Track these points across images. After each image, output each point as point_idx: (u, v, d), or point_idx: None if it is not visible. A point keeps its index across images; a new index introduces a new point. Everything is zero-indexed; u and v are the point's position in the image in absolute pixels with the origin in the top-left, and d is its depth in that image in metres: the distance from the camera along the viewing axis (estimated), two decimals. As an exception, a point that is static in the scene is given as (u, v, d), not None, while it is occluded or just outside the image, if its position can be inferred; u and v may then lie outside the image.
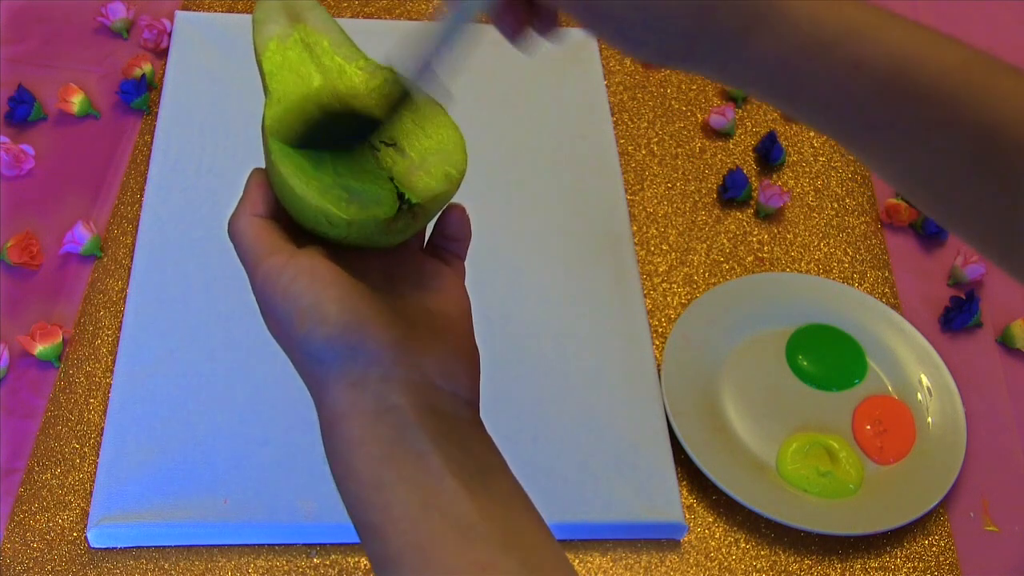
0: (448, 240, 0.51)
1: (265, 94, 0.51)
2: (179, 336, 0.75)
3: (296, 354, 0.45)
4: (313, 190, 0.46)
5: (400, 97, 0.49)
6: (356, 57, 0.53)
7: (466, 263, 0.53)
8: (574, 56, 0.96)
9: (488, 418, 0.73)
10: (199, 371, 0.73)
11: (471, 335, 0.49)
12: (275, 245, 0.46)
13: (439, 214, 0.51)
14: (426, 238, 0.53)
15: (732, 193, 0.89)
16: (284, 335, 0.45)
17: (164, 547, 0.68)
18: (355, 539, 0.69)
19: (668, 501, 0.72)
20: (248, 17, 0.96)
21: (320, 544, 0.69)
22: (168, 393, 0.72)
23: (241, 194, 0.48)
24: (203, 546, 0.68)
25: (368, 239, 0.48)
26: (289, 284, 0.44)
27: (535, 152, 0.90)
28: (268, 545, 0.69)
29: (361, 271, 0.46)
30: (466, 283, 0.51)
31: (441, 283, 0.49)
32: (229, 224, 0.47)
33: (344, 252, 0.48)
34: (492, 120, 0.91)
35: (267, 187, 0.48)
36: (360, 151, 0.49)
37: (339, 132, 0.49)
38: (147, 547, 0.68)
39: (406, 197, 0.48)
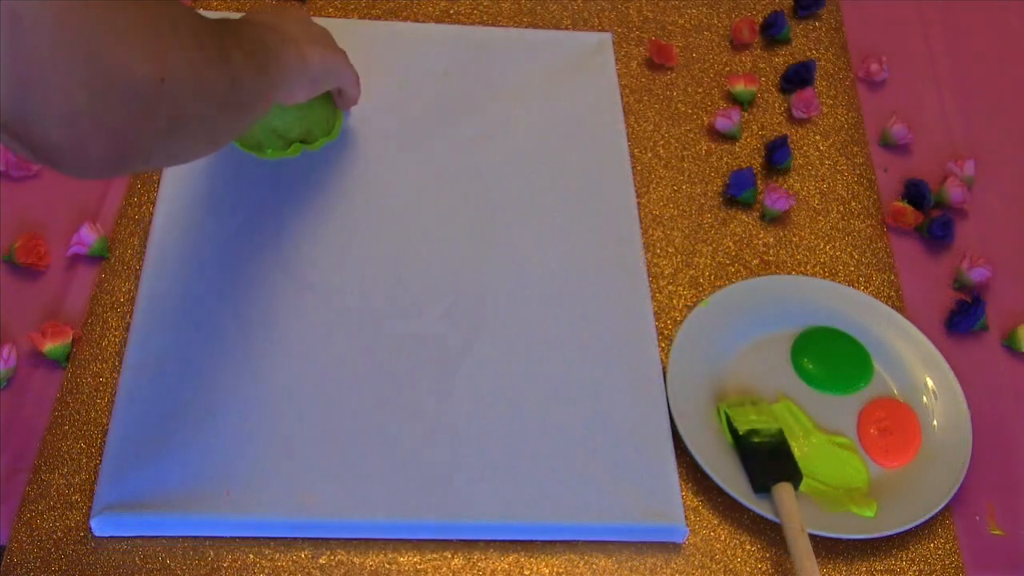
0: None
1: None
2: (185, 330, 0.76)
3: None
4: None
5: None
6: None
7: (472, 265, 0.52)
8: (588, 60, 0.96)
9: (493, 419, 0.74)
10: (203, 364, 0.74)
11: None
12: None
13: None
14: None
15: (734, 190, 0.89)
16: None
17: (169, 545, 0.68)
18: (359, 534, 0.70)
19: (669, 504, 0.72)
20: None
21: (324, 538, 0.69)
22: (172, 385, 0.73)
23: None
24: (207, 543, 0.69)
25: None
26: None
27: (546, 154, 0.90)
28: (272, 540, 0.69)
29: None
30: (470, 284, 0.50)
31: None
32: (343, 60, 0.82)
33: None
34: (502, 121, 0.92)
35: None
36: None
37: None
38: (152, 545, 0.68)
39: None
